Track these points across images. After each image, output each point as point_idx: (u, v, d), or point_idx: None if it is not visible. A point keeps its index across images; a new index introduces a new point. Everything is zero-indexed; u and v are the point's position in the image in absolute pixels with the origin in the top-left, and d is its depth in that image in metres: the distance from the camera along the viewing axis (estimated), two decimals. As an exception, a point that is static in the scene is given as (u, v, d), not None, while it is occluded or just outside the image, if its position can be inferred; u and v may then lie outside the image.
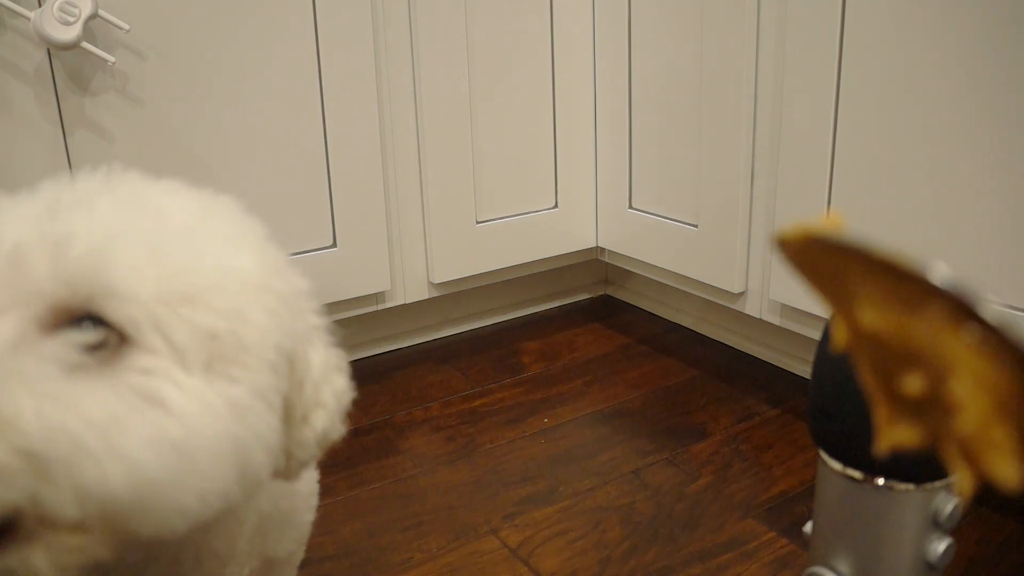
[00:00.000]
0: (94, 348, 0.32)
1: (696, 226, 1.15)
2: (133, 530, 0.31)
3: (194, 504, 0.32)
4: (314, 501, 0.57)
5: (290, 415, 0.39)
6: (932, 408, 0.24)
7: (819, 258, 0.25)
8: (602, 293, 1.50)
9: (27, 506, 0.30)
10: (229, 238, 0.38)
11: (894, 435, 0.25)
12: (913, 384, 0.24)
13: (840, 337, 0.26)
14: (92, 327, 0.32)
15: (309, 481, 0.56)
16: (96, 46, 0.91)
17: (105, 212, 0.35)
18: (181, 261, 0.34)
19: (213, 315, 0.34)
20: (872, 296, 0.24)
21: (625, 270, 1.41)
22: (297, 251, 1.10)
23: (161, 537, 0.32)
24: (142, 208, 0.36)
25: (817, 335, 0.90)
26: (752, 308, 1.11)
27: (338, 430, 0.41)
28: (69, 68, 0.92)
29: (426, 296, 1.23)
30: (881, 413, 0.26)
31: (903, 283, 0.24)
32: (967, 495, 0.23)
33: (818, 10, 0.92)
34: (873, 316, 0.25)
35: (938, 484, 0.38)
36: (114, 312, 0.32)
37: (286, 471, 0.40)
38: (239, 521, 0.46)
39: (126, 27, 0.91)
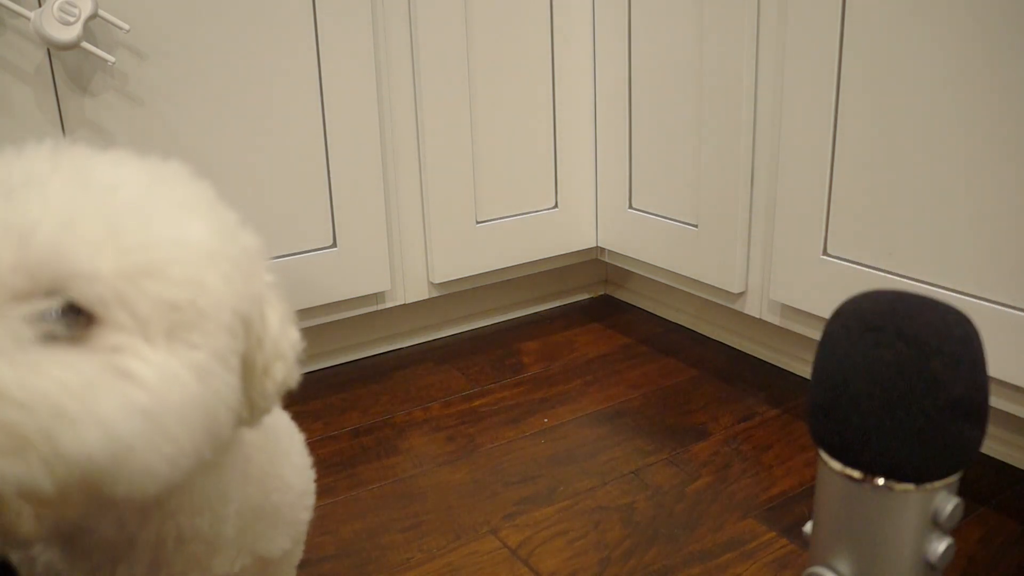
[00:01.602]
0: (64, 324, 0.33)
1: (696, 226, 1.15)
2: (107, 493, 0.33)
3: (164, 466, 0.34)
4: (310, 500, 0.57)
5: (251, 370, 0.40)
6: None
7: None
8: (602, 293, 1.50)
9: (9, 488, 0.31)
10: (182, 207, 0.38)
11: None
12: None
13: None
14: (58, 308, 0.33)
15: (304, 478, 0.56)
16: (96, 46, 0.91)
17: (59, 193, 0.35)
18: (138, 237, 0.35)
19: (173, 287, 0.35)
20: None
21: (625, 270, 1.41)
22: (297, 251, 1.10)
23: (133, 498, 0.34)
24: (94, 185, 0.36)
25: (817, 335, 0.90)
26: (752, 308, 1.11)
27: (295, 378, 0.44)
28: (69, 68, 0.92)
29: (426, 296, 1.23)
30: None
31: None
32: None
33: (818, 10, 0.92)
34: None
35: (938, 484, 0.38)
36: (79, 293, 0.34)
37: (249, 420, 0.42)
38: (223, 499, 0.46)
39: (126, 27, 0.91)
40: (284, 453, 0.53)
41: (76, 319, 0.34)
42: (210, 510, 0.45)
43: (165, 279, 0.35)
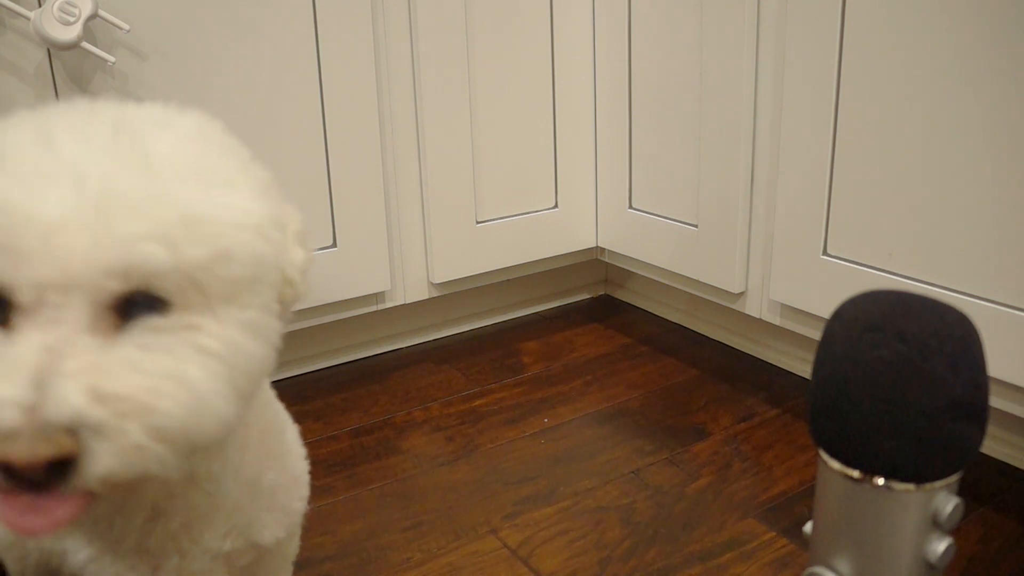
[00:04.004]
0: (146, 314, 0.38)
1: (696, 226, 1.15)
2: (196, 444, 0.38)
3: (233, 413, 0.40)
4: (304, 491, 0.57)
5: (282, 304, 0.45)
6: None
7: None
8: (602, 293, 1.50)
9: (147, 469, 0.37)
10: (236, 183, 0.41)
11: None
12: None
13: None
14: (145, 300, 0.37)
15: (299, 466, 0.56)
16: (96, 46, 0.91)
17: (131, 183, 0.37)
18: (210, 228, 0.38)
19: (238, 267, 0.39)
20: None
21: (625, 270, 1.41)
22: (297, 251, 1.10)
23: (211, 444, 0.39)
24: (159, 168, 0.38)
25: (817, 335, 0.90)
26: (752, 308, 1.11)
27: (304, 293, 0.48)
28: (69, 68, 0.92)
29: (426, 296, 1.23)
30: None
31: None
32: None
33: (818, 10, 0.92)
34: None
35: (938, 484, 0.38)
36: (162, 285, 0.37)
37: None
38: (223, 463, 0.48)
39: (126, 27, 0.91)
40: (279, 431, 0.54)
41: (154, 306, 0.37)
42: (207, 472, 0.47)
43: (231, 260, 0.39)
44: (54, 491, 0.35)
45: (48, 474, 0.34)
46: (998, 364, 0.82)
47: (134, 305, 0.37)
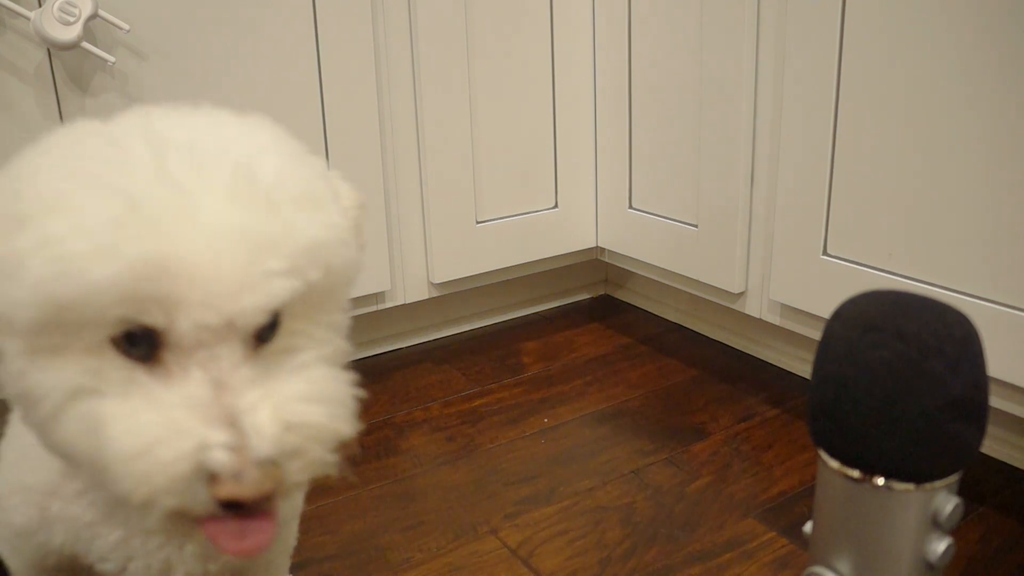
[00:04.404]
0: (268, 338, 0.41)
1: (696, 226, 1.15)
2: None
3: None
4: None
5: None
6: None
7: None
8: (602, 293, 1.50)
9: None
10: (325, 198, 0.43)
11: None
12: None
13: None
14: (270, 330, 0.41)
15: None
16: (96, 46, 0.91)
17: (260, 224, 0.38)
18: (323, 251, 0.41)
19: (336, 278, 0.42)
20: None
21: (625, 270, 1.41)
22: (297, 251, 1.10)
23: None
24: (275, 202, 0.39)
25: (817, 335, 0.90)
26: (752, 308, 1.11)
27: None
28: (69, 68, 0.92)
29: (426, 296, 1.23)
30: None
31: None
32: None
33: (818, 10, 0.92)
34: None
35: (938, 484, 0.38)
36: (286, 311, 0.41)
37: None
38: None
39: (126, 27, 0.91)
40: None
41: (272, 325, 0.41)
42: None
43: (333, 274, 0.42)
44: (258, 512, 0.39)
45: (259, 500, 0.38)
46: (998, 364, 0.82)
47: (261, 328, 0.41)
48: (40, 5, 0.88)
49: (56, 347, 0.38)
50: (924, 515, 0.38)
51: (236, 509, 0.38)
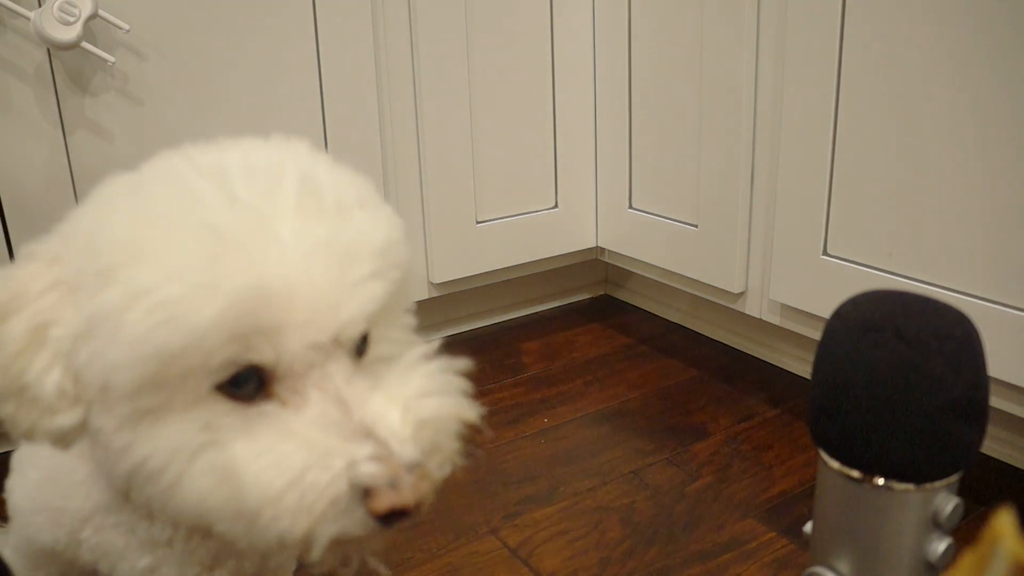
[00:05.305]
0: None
1: (696, 226, 1.15)
2: None
3: None
4: None
5: None
6: None
7: None
8: (602, 293, 1.50)
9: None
10: (377, 201, 0.44)
11: None
12: None
13: None
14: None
15: None
16: (96, 46, 0.91)
17: (337, 234, 0.38)
18: (394, 249, 0.41)
19: (406, 278, 0.42)
20: None
21: (625, 270, 1.41)
22: (297, 251, 1.10)
23: None
24: (342, 209, 0.40)
25: (817, 335, 0.90)
26: (752, 308, 1.11)
27: None
28: (69, 68, 0.92)
29: (426, 296, 1.23)
30: None
31: None
32: None
33: (818, 10, 0.92)
34: None
35: (938, 484, 0.38)
36: (375, 328, 0.41)
37: None
38: None
39: (126, 27, 0.91)
40: None
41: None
42: None
43: (402, 270, 0.42)
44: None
45: (416, 507, 0.38)
46: (998, 364, 0.82)
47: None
48: (40, 5, 0.88)
49: (158, 409, 0.36)
50: (924, 515, 0.38)
51: (394, 522, 0.37)
